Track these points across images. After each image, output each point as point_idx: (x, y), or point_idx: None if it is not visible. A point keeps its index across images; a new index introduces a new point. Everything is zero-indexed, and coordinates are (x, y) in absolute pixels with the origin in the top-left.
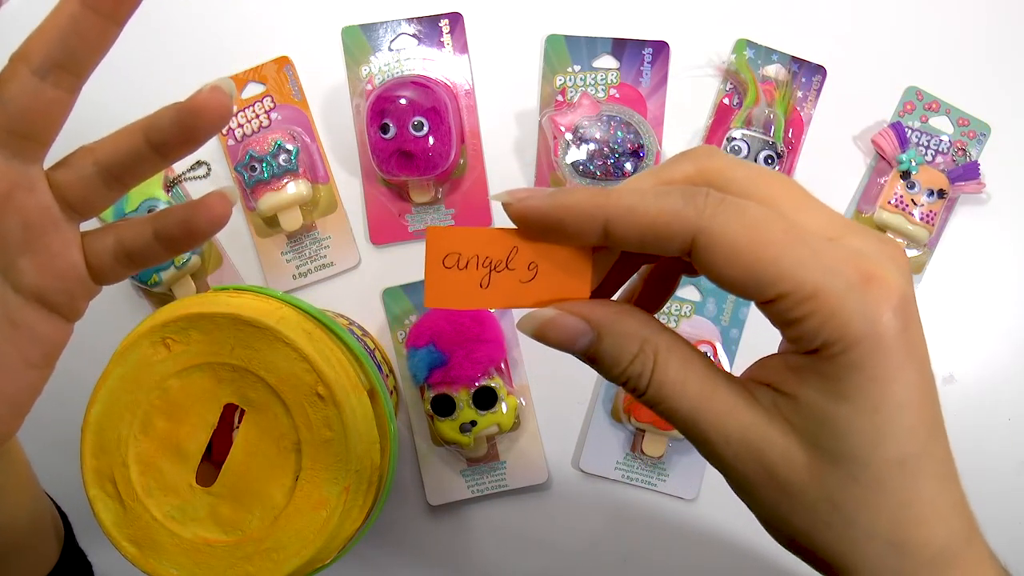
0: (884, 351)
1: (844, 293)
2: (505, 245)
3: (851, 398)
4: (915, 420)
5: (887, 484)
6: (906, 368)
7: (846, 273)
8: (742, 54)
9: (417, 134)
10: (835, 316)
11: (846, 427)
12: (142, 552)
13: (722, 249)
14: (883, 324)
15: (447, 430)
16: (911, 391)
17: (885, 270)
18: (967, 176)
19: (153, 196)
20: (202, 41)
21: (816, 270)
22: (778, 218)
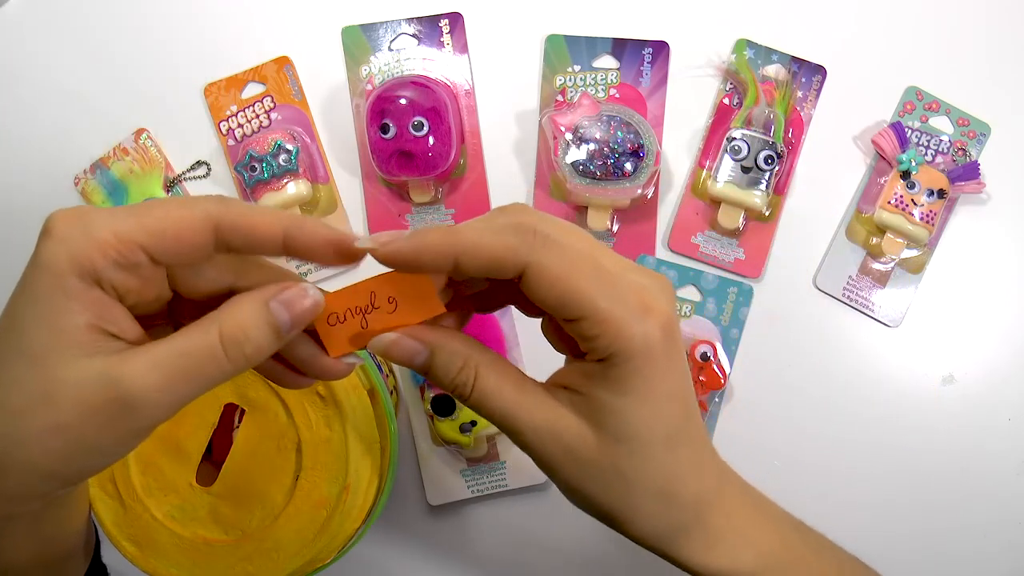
0: (654, 361)
1: (629, 319)
2: (363, 294)
3: (630, 393)
4: (676, 408)
5: (656, 453)
6: (669, 372)
7: (631, 304)
8: (742, 54)
9: (417, 134)
10: (620, 336)
11: (627, 414)
12: (142, 551)
13: (545, 278)
14: (655, 342)
15: (447, 430)
16: (673, 388)
17: (657, 301)
18: (967, 176)
19: (153, 196)
20: (203, 41)
21: (610, 300)
22: (587, 257)
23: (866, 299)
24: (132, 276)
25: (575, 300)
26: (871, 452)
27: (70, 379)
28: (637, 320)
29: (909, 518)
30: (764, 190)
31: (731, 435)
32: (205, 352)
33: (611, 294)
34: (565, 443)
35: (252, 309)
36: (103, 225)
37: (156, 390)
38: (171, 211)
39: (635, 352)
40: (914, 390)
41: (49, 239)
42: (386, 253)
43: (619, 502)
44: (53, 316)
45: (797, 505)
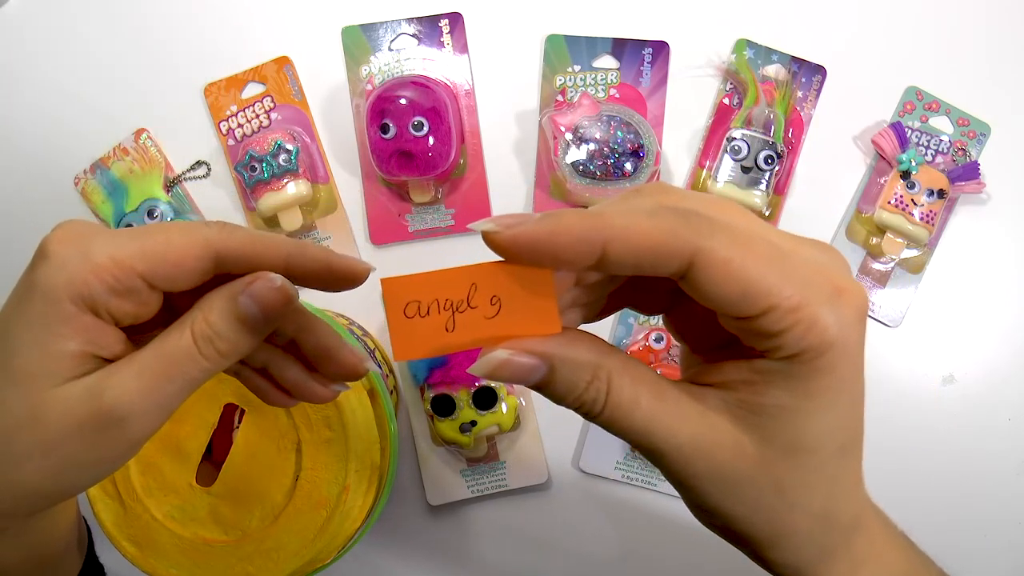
0: (850, 356)
1: (822, 305)
2: (463, 284)
3: (816, 397)
4: (858, 413)
5: (827, 468)
6: (860, 374)
7: (822, 286)
8: (742, 54)
9: (417, 134)
10: (816, 325)
11: (810, 422)
12: (142, 552)
13: (719, 268)
14: (852, 331)
15: (447, 430)
16: (860, 393)
17: (849, 281)
18: (967, 176)
19: (153, 196)
20: (203, 41)
21: (800, 285)
22: (761, 238)
23: None
24: (128, 301)
25: (759, 291)
26: (871, 452)
27: (57, 399)
28: (832, 306)
29: (909, 518)
30: (764, 190)
31: None
32: (182, 352)
33: (798, 278)
34: (716, 461)
35: (220, 305)
36: (101, 250)
37: (139, 395)
38: (171, 237)
39: (832, 344)
40: (914, 390)
41: (46, 262)
42: (511, 237)
43: (769, 525)
44: (45, 340)
45: None
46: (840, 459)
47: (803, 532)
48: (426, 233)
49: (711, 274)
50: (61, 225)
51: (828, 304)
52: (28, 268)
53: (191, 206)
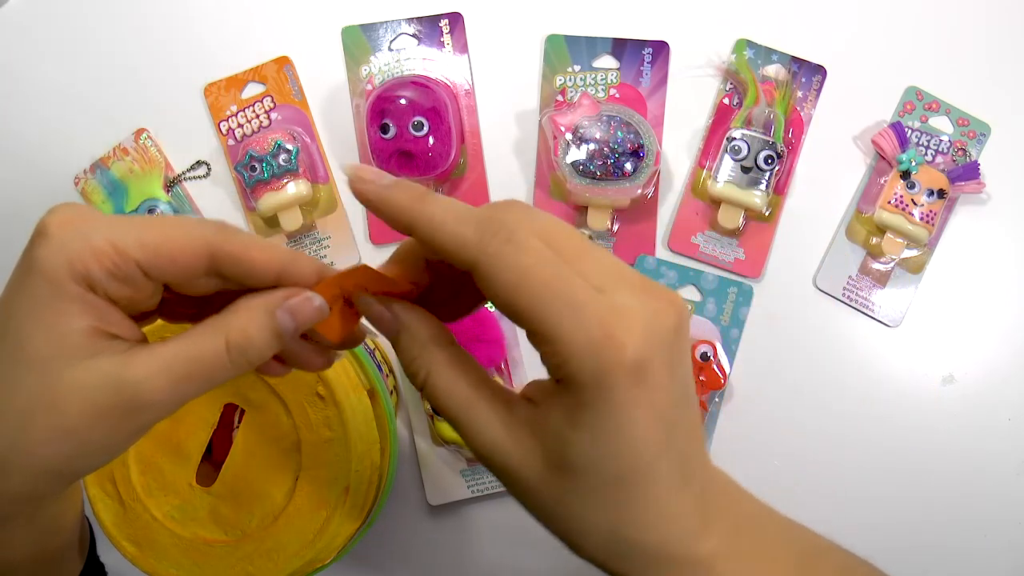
0: (610, 397)
1: (581, 346)
2: (347, 280)
3: (580, 427)
4: (636, 448)
5: (606, 493)
6: (634, 410)
7: (591, 329)
8: (742, 54)
9: (417, 134)
10: (569, 363)
11: (574, 448)
12: (142, 552)
13: (494, 282)
14: (611, 377)
15: (447, 430)
16: (637, 429)
17: (630, 331)
18: (967, 176)
19: (153, 196)
20: (202, 41)
21: (565, 320)
22: (549, 264)
23: (866, 299)
24: (125, 286)
25: (523, 312)
26: (871, 452)
27: (76, 384)
28: (591, 350)
29: (909, 518)
30: (764, 190)
31: (731, 435)
32: (211, 357)
33: (568, 313)
34: (510, 468)
35: (259, 317)
36: (101, 234)
37: (163, 392)
38: (169, 231)
39: (586, 384)
40: (914, 390)
41: (45, 242)
42: (356, 189)
43: (565, 536)
44: (53, 321)
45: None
46: (623, 487)
47: (598, 549)
48: None
49: (486, 284)
50: (58, 207)
51: (589, 348)
52: (27, 249)
53: (191, 206)
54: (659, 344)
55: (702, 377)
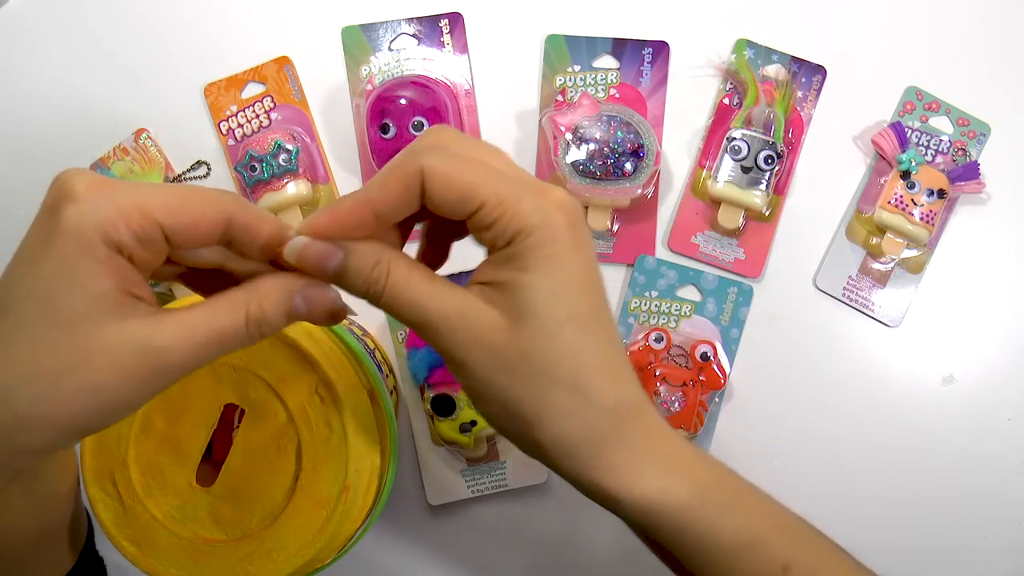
0: (554, 238)
1: (524, 198)
2: None
3: (532, 269)
4: (579, 291)
5: (562, 335)
6: (572, 253)
7: (525, 187)
8: (742, 54)
9: (417, 134)
10: (518, 214)
11: (529, 290)
12: (142, 552)
13: (439, 178)
14: (553, 218)
15: (447, 430)
16: (576, 269)
17: (555, 189)
18: (967, 176)
19: None
20: (202, 41)
21: (504, 186)
22: (479, 160)
23: (866, 299)
24: (146, 250)
25: (471, 191)
26: (871, 452)
27: (107, 344)
28: (533, 198)
29: (909, 518)
30: (764, 190)
31: (731, 435)
32: (232, 328)
33: (506, 181)
34: (476, 329)
35: (277, 299)
36: (128, 198)
37: (186, 358)
38: (191, 197)
39: (534, 226)
40: (914, 390)
41: (74, 204)
42: (311, 234)
43: (529, 396)
44: (84, 280)
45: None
46: (576, 331)
47: (561, 405)
48: None
49: (433, 184)
50: (75, 172)
51: (529, 198)
52: (50, 210)
53: None
54: (580, 213)
55: (702, 377)
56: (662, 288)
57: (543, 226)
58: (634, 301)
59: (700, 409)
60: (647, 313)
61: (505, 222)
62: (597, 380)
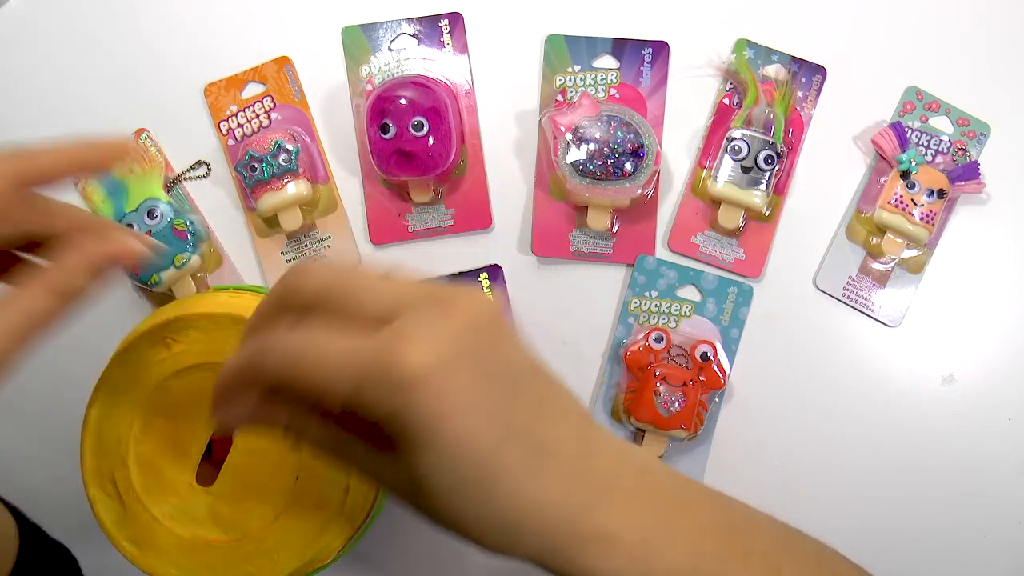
0: (416, 424)
1: (372, 400)
2: None
3: (414, 461)
4: (464, 454)
5: (464, 495)
6: (440, 425)
7: (373, 380)
8: (742, 54)
9: (417, 134)
10: (373, 414)
11: (419, 479)
12: (142, 552)
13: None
14: (408, 410)
15: None
16: (454, 435)
17: (407, 358)
18: (967, 176)
19: (153, 196)
20: (202, 41)
21: (343, 383)
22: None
23: (866, 299)
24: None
25: (315, 390)
26: (871, 452)
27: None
28: (381, 400)
29: (909, 518)
30: (764, 190)
31: (731, 435)
32: (44, 311)
33: (345, 376)
34: (393, 489)
35: (82, 266)
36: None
37: (13, 351)
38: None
39: (391, 422)
40: (914, 390)
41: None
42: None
43: (463, 535)
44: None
45: (797, 505)
46: (478, 488)
47: (497, 541)
48: (426, 233)
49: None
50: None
51: (378, 399)
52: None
53: (191, 206)
54: (448, 351)
55: (702, 377)
56: (662, 288)
57: (399, 417)
58: (634, 301)
59: (700, 409)
60: (647, 313)
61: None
62: (516, 520)
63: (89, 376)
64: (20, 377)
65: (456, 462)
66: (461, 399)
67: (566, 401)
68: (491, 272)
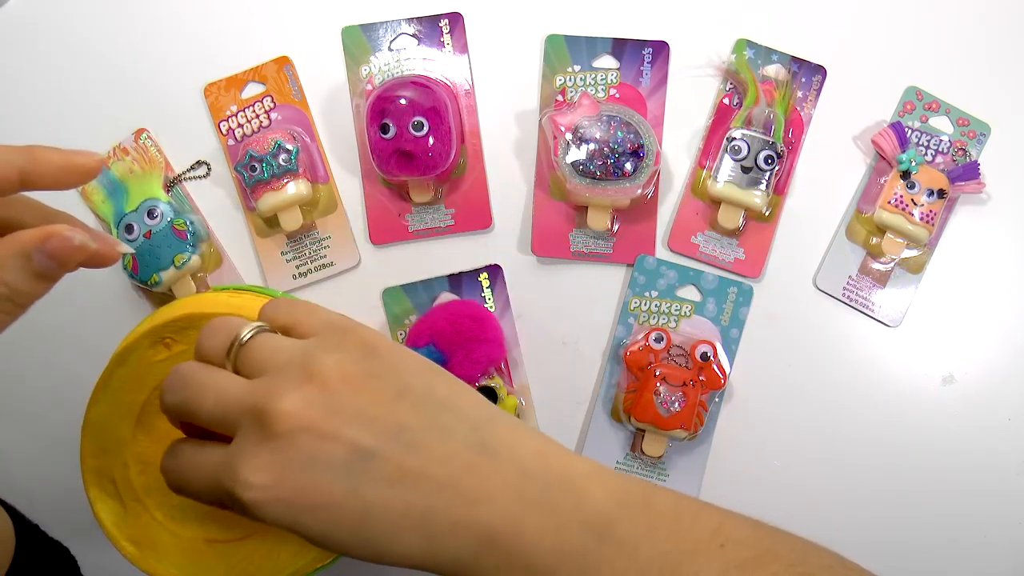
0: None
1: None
2: None
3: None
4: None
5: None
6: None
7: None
8: (742, 54)
9: (417, 134)
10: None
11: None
12: (142, 552)
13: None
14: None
15: None
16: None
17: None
18: (967, 176)
19: (153, 196)
20: (202, 41)
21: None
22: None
23: (866, 299)
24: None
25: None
26: (871, 452)
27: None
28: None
29: (909, 518)
30: (764, 190)
31: (731, 435)
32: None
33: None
34: None
35: (16, 264)
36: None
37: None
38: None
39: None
40: (914, 390)
41: None
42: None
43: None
44: None
45: (797, 505)
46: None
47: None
48: (426, 233)
49: None
50: None
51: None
52: None
53: (191, 206)
54: (311, 405)
55: (702, 377)
56: (662, 288)
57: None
58: (634, 301)
59: (700, 409)
60: (647, 313)
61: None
62: (439, 537)
63: (89, 376)
64: (20, 377)
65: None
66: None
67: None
68: (491, 272)
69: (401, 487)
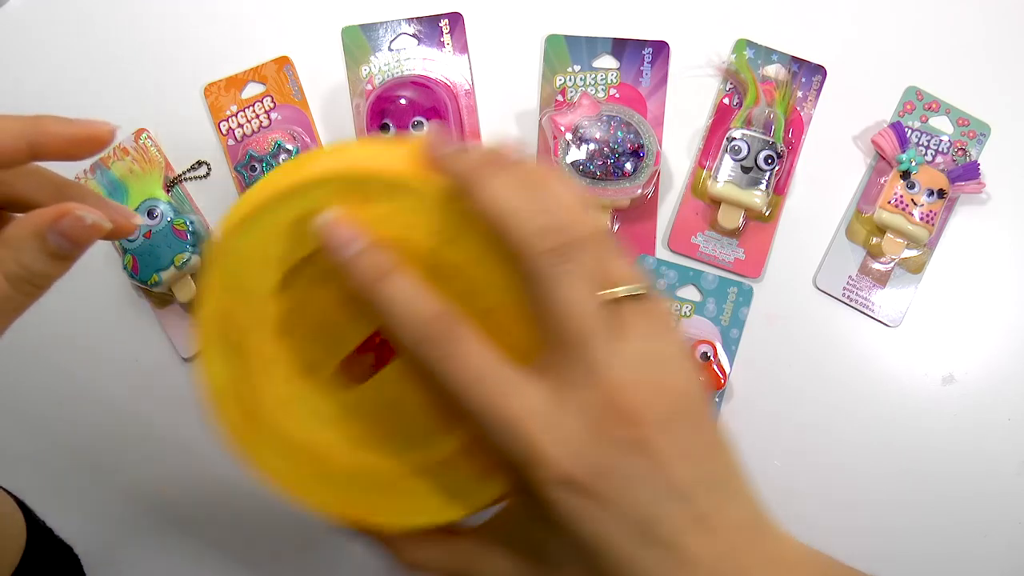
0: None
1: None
2: None
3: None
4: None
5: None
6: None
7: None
8: (742, 54)
9: (417, 134)
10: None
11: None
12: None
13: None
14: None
15: None
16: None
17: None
18: (967, 176)
19: (153, 196)
20: (202, 41)
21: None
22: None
23: (866, 299)
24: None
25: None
26: (871, 452)
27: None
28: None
29: (909, 518)
30: (764, 190)
31: (731, 435)
32: (1, 298)
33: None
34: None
35: (31, 245)
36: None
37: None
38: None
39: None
40: (914, 390)
41: None
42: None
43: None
44: None
45: (797, 505)
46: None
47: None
48: None
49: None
50: None
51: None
52: None
53: (191, 206)
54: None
55: (702, 377)
56: (662, 288)
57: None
58: None
59: None
60: None
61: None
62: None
63: (88, 376)
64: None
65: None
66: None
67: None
68: None
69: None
